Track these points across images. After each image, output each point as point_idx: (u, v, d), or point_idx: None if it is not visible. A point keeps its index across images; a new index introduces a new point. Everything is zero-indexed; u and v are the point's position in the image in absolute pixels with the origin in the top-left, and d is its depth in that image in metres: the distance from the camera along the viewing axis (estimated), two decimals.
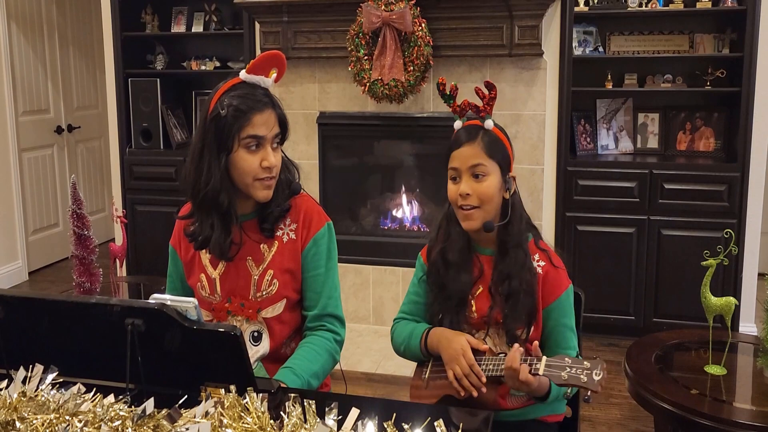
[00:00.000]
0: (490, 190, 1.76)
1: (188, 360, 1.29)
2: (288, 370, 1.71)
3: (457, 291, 1.82)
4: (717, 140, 4.07)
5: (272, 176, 1.75)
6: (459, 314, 1.82)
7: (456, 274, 1.82)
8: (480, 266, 1.84)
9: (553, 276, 1.80)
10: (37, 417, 1.10)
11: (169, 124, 4.65)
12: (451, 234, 1.85)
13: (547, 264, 1.81)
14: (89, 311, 1.30)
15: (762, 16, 3.68)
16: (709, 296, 2.24)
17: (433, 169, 4.31)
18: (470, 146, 1.76)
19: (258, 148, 1.73)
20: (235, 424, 1.03)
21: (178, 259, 1.92)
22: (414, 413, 1.20)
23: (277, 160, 1.76)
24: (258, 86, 1.76)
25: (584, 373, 1.49)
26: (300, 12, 3.99)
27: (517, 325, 1.76)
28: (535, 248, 1.83)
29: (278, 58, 1.77)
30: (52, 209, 5.70)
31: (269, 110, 1.73)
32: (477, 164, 1.75)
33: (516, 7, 3.68)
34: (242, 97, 1.72)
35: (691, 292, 3.68)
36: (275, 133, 1.75)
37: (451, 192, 1.80)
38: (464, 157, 1.76)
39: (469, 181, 1.76)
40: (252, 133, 1.71)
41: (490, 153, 1.76)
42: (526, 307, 1.76)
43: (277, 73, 1.78)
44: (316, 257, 1.84)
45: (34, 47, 5.40)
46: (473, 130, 1.79)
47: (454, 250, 1.83)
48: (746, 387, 2.29)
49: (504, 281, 1.77)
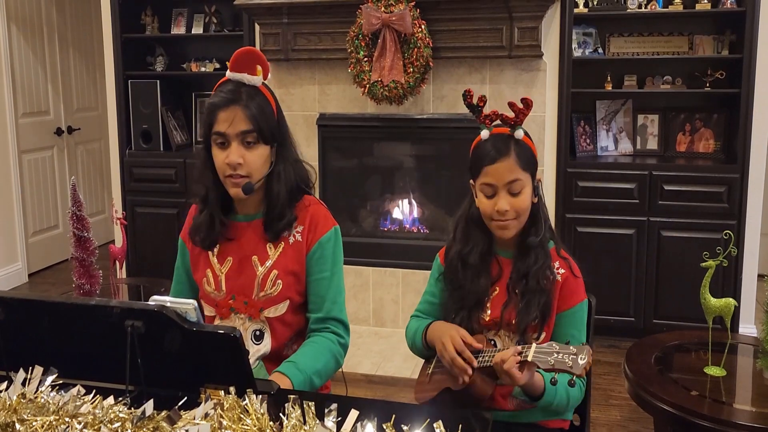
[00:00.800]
0: (525, 203, 1.75)
1: (188, 361, 1.29)
2: (291, 365, 1.71)
3: (475, 294, 1.81)
4: (716, 141, 4.07)
5: (238, 174, 1.74)
6: (472, 315, 1.82)
7: (475, 277, 1.82)
8: (499, 268, 1.83)
9: (572, 284, 1.80)
10: (37, 419, 1.11)
11: (169, 126, 4.65)
12: (472, 236, 1.84)
13: (567, 272, 1.81)
14: (89, 313, 1.30)
15: (761, 17, 3.69)
16: (709, 297, 2.25)
17: (433, 170, 4.31)
18: (505, 162, 1.73)
19: (225, 145, 1.74)
20: (235, 426, 1.03)
21: (187, 251, 1.94)
22: (413, 414, 1.20)
23: (250, 160, 1.74)
24: (242, 84, 1.76)
25: (570, 357, 1.50)
26: (300, 14, 3.99)
27: (530, 322, 1.75)
28: (557, 256, 1.82)
29: (252, 53, 1.77)
30: (52, 211, 5.70)
31: (234, 107, 1.72)
32: (514, 180, 1.73)
33: (515, 8, 3.68)
34: (216, 94, 1.76)
35: (692, 294, 3.66)
36: (240, 130, 1.72)
37: (486, 207, 1.77)
38: (500, 173, 1.73)
39: (506, 197, 1.73)
40: (216, 130, 1.74)
41: (523, 165, 1.74)
42: (540, 305, 1.75)
43: (263, 71, 1.78)
44: (321, 260, 1.84)
45: (34, 49, 5.40)
46: (503, 142, 1.75)
47: (475, 254, 1.82)
48: (746, 388, 2.29)
49: (521, 279, 1.77)
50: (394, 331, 4.15)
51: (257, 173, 1.77)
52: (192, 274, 1.94)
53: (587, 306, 1.84)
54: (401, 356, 3.79)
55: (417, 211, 4.33)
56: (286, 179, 1.82)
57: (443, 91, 3.98)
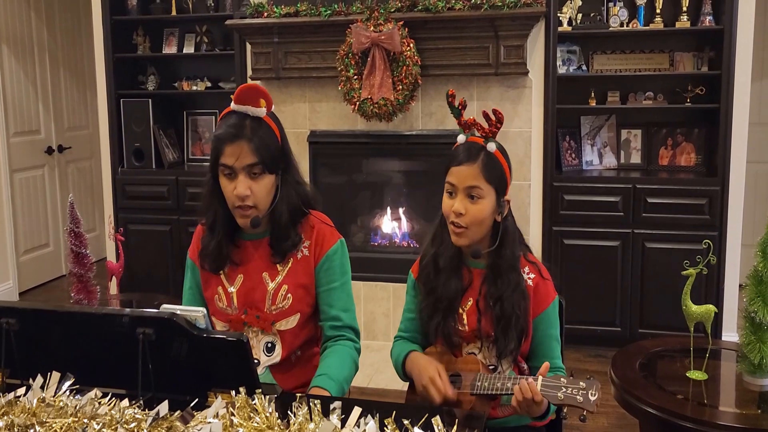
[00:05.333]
0: (482, 213, 1.80)
1: (196, 367, 1.35)
2: (324, 377, 1.78)
3: (446, 295, 1.86)
4: (697, 155, 4.19)
5: (246, 205, 1.81)
6: (448, 319, 1.86)
7: (446, 279, 1.87)
8: (470, 278, 1.89)
9: (543, 288, 1.87)
10: (56, 421, 1.16)
11: (161, 144, 4.71)
12: (444, 240, 1.89)
13: (536, 276, 1.87)
14: (101, 322, 1.36)
15: (739, 34, 3.81)
16: (690, 304, 2.33)
17: (422, 185, 4.39)
18: (469, 167, 1.79)
19: (232, 176, 1.81)
20: (246, 424, 1.10)
21: (197, 269, 1.99)
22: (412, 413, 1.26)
23: (257, 190, 1.81)
24: (246, 115, 1.82)
25: (580, 393, 1.51)
26: (290, 33, 4.08)
27: (509, 345, 1.81)
28: (525, 261, 1.89)
29: (256, 88, 1.83)
30: (43, 230, 5.72)
31: (240, 141, 1.79)
32: (473, 186, 1.78)
33: (501, 27, 3.79)
34: (223, 127, 1.82)
35: (676, 303, 3.72)
36: (247, 163, 1.79)
37: (445, 205, 1.84)
38: (462, 176, 1.79)
39: (464, 200, 1.79)
40: (222, 162, 1.81)
41: (487, 177, 1.79)
42: (517, 328, 1.81)
43: (266, 104, 1.85)
44: (330, 272, 1.91)
45: (24, 69, 5.45)
46: (475, 149, 1.82)
47: (446, 257, 1.88)
48: (727, 391, 2.36)
49: (496, 302, 1.82)
50: (386, 344, 4.21)
51: (264, 202, 1.85)
52: (203, 291, 1.99)
53: (558, 303, 1.91)
54: (393, 369, 3.84)
55: (407, 226, 4.41)
56: (288, 202, 1.89)
57: (431, 108, 4.08)
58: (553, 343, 1.89)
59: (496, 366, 1.87)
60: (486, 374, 1.77)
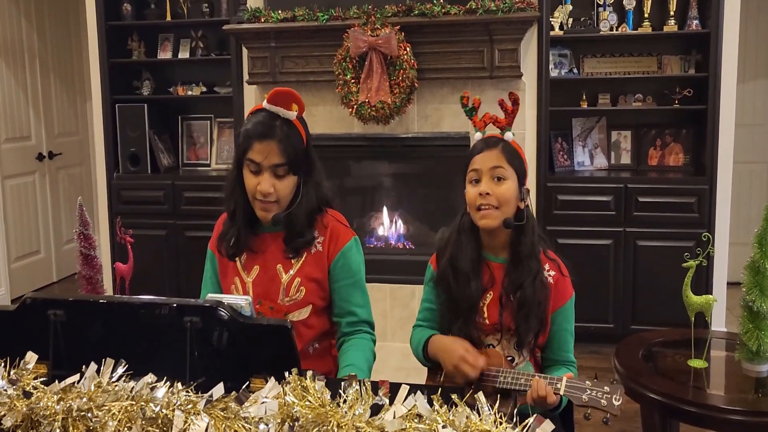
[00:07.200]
0: (508, 192, 1.86)
1: (241, 354, 1.40)
2: (351, 367, 1.85)
3: (467, 298, 1.90)
4: (686, 155, 4.30)
5: (268, 201, 1.88)
6: (469, 320, 1.91)
7: (466, 282, 1.90)
8: (491, 273, 1.93)
9: (562, 284, 1.94)
10: (114, 404, 1.21)
11: (157, 149, 4.74)
12: (463, 243, 1.93)
13: (557, 273, 1.94)
14: (146, 311, 1.41)
15: (724, 38, 3.94)
16: (690, 295, 2.41)
17: (418, 187, 4.46)
18: (492, 151, 1.87)
19: (258, 173, 1.88)
20: (301, 402, 1.15)
21: (215, 259, 2.06)
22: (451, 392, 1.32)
23: (279, 189, 1.88)
24: (277, 116, 1.89)
25: (604, 397, 1.57)
26: (287, 38, 4.13)
27: (529, 333, 1.87)
28: (546, 258, 1.94)
29: (291, 94, 1.91)
30: (34, 236, 5.69)
31: (270, 141, 1.86)
32: (497, 166, 1.85)
33: (496, 32, 3.88)
34: (255, 123, 1.89)
35: (667, 299, 3.88)
36: (274, 163, 1.86)
37: (470, 194, 1.89)
38: (485, 159, 1.86)
39: (489, 182, 1.85)
40: (250, 158, 1.88)
41: (509, 160, 1.87)
42: (538, 316, 1.86)
43: (298, 109, 1.92)
44: (345, 268, 1.98)
45: (15, 75, 5.44)
46: (493, 140, 1.91)
47: (466, 259, 1.91)
48: (727, 377, 2.46)
49: (516, 290, 1.87)
50: (384, 344, 4.23)
51: (285, 200, 1.92)
52: (220, 281, 2.06)
53: (574, 299, 1.98)
54: (391, 369, 3.89)
55: (403, 228, 4.47)
56: (307, 201, 1.95)
57: (427, 111, 4.15)
58: (568, 336, 1.96)
59: (514, 358, 1.93)
60: (509, 369, 1.82)
